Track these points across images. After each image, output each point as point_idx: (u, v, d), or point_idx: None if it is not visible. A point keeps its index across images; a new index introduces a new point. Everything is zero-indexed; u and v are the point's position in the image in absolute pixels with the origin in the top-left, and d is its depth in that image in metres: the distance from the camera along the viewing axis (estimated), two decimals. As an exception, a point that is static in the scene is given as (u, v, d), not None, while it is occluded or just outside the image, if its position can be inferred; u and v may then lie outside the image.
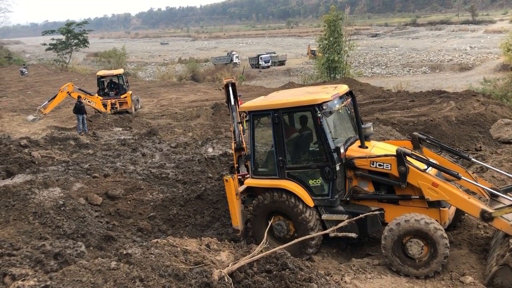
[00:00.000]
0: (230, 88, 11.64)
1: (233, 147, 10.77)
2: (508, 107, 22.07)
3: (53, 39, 67.38)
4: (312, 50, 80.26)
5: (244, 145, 10.10)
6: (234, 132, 10.19)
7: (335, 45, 42.13)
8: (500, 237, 7.33)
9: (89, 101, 24.38)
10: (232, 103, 11.31)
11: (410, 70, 63.92)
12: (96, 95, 25.39)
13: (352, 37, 47.06)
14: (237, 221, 8.79)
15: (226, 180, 8.72)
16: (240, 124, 11.13)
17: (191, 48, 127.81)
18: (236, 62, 79.36)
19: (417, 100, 24.57)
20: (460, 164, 9.58)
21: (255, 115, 8.63)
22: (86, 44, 68.52)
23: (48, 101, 23.90)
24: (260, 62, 75.56)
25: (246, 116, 8.93)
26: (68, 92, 23.47)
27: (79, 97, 22.21)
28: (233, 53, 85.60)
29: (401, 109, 22.74)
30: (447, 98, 23.88)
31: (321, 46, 43.45)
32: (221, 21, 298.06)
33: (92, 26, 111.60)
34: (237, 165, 10.43)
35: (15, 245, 7.53)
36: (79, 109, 21.27)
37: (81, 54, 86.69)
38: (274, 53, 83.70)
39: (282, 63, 77.86)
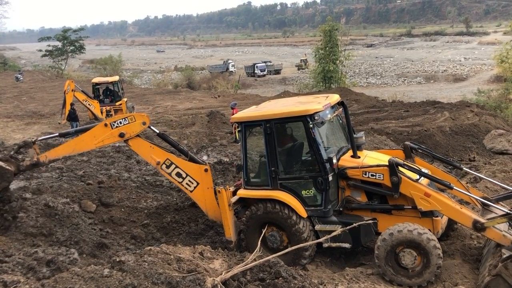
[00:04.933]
0: None
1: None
2: (501, 118, 22.32)
3: (49, 45, 67.37)
4: (302, 60, 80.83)
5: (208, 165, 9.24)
6: (192, 157, 9.23)
7: (331, 55, 42.46)
8: (492, 246, 7.37)
9: (89, 104, 24.27)
10: None
11: (404, 80, 64.41)
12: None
13: (348, 47, 47.45)
14: (230, 232, 8.75)
15: (219, 191, 8.68)
16: (233, 134, 10.92)
17: (187, 56, 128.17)
18: (232, 71, 79.69)
19: (411, 110, 24.72)
20: (453, 174, 9.65)
21: (247, 126, 8.63)
22: (82, 50, 68.55)
23: (63, 109, 23.52)
24: (255, 71, 75.92)
25: (238, 127, 8.89)
26: (72, 90, 23.22)
27: (72, 104, 22.13)
28: (229, 61, 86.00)
29: (395, 119, 22.87)
30: (441, 108, 24.05)
31: (316, 56, 43.74)
32: (218, 30, 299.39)
33: (89, 33, 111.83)
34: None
35: (7, 251, 7.47)
36: (72, 116, 21.17)
37: (77, 61, 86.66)
38: (270, 62, 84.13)
39: (277, 72, 78.29)
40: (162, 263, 6.00)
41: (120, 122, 8.64)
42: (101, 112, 24.73)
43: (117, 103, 25.88)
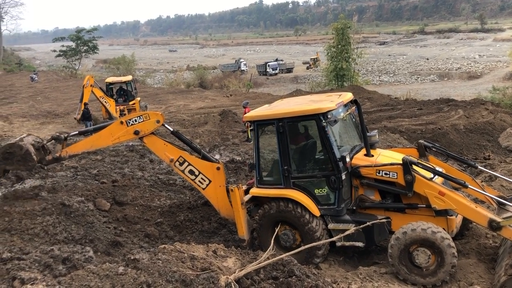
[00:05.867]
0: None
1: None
2: (517, 115, 21.94)
3: (63, 45, 68.15)
4: (313, 59, 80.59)
5: (221, 163, 9.22)
6: (204, 155, 9.25)
7: (343, 53, 42.29)
8: (508, 246, 7.29)
9: (105, 102, 24.46)
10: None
11: (418, 78, 63.76)
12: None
13: (360, 45, 47.26)
14: (243, 231, 8.77)
15: (231, 190, 8.70)
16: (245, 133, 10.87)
17: (199, 55, 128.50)
18: (243, 70, 79.69)
19: (425, 108, 24.53)
20: (468, 172, 9.56)
21: (259, 125, 8.63)
22: (95, 50, 69.23)
23: (79, 103, 23.49)
24: (267, 70, 75.83)
25: (250, 126, 8.91)
26: (91, 86, 23.34)
27: (86, 104, 22.33)
28: (241, 60, 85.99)
29: (409, 117, 22.71)
30: (455, 106, 23.82)
31: (329, 54, 43.60)
32: (229, 29, 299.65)
33: (102, 33, 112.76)
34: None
35: (24, 249, 7.61)
36: (86, 115, 21.39)
37: (91, 61, 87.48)
38: (281, 60, 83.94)
39: (289, 70, 78.12)
40: (176, 261, 6.04)
41: (135, 120, 8.87)
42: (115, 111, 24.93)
43: (131, 103, 26.07)
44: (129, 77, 28.56)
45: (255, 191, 8.77)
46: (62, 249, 7.67)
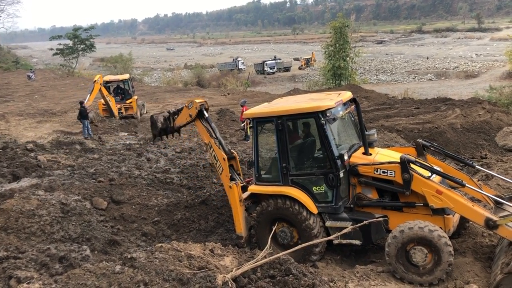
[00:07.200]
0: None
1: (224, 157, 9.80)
2: (513, 115, 21.96)
3: (60, 44, 67.92)
4: (306, 59, 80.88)
5: (236, 154, 9.89)
6: (220, 143, 9.92)
7: (341, 51, 42.28)
8: (504, 245, 7.31)
9: (109, 100, 24.49)
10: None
11: (415, 77, 63.74)
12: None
13: (358, 44, 47.17)
14: (240, 228, 8.83)
15: (230, 187, 8.75)
16: (244, 131, 11.01)
17: (197, 54, 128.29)
18: (241, 68, 79.53)
19: (422, 107, 24.53)
20: (465, 171, 9.57)
21: (258, 122, 8.67)
22: (92, 49, 69.01)
23: (89, 95, 23.55)
24: (265, 68, 75.67)
25: (250, 123, 8.94)
26: (100, 84, 23.51)
27: (81, 102, 22.29)
28: (239, 59, 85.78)
29: (406, 116, 22.72)
30: (453, 105, 23.84)
31: (326, 53, 43.59)
32: (227, 27, 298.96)
33: (99, 31, 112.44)
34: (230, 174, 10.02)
35: (21, 248, 7.59)
36: (84, 114, 21.32)
37: (88, 59, 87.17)
38: (279, 59, 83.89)
39: (287, 69, 78.02)
40: (173, 260, 6.04)
41: (190, 105, 10.20)
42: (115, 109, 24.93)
43: (128, 101, 26.02)
44: (126, 76, 28.50)
45: (253, 188, 8.80)
46: (58, 248, 7.65)
